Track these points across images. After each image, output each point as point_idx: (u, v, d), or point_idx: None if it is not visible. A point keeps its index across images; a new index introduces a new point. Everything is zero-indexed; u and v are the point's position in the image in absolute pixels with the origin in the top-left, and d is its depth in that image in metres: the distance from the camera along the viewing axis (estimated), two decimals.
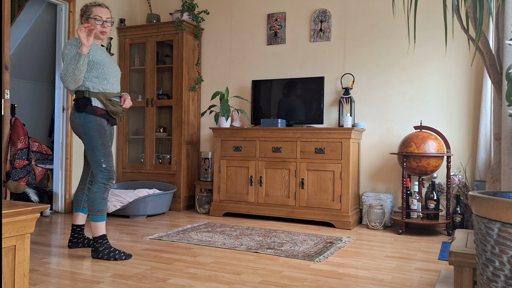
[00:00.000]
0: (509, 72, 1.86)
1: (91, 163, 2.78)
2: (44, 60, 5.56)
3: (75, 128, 2.80)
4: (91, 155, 2.76)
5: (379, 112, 4.24)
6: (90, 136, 2.75)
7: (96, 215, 2.75)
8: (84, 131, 2.75)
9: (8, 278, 1.41)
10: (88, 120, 2.75)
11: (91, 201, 2.76)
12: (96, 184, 2.76)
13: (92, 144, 2.75)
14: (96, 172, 2.76)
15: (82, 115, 2.75)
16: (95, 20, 2.80)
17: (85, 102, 2.74)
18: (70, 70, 2.62)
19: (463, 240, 1.82)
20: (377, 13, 4.27)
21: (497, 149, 2.44)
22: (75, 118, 2.78)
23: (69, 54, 2.70)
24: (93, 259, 2.72)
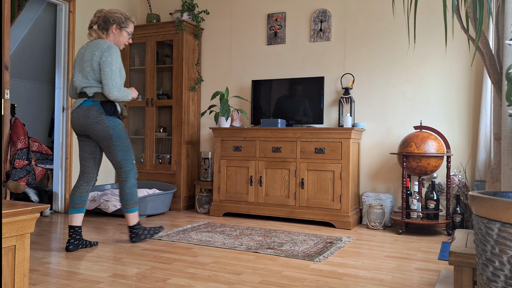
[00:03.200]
0: (509, 72, 1.86)
1: (123, 162, 2.96)
2: (44, 60, 5.56)
3: (103, 130, 2.87)
4: (123, 154, 2.96)
5: (379, 112, 4.24)
6: (122, 137, 2.94)
7: (134, 207, 3.03)
8: (116, 133, 2.91)
9: (8, 278, 1.41)
10: (117, 123, 2.93)
11: (129, 196, 3.00)
12: (130, 180, 2.99)
13: (124, 144, 2.96)
14: (129, 169, 2.98)
15: (111, 118, 2.90)
16: (127, 34, 3.05)
17: (112, 107, 2.91)
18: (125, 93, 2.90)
19: (463, 240, 1.82)
20: (377, 13, 4.27)
21: (497, 149, 2.44)
22: (102, 121, 2.87)
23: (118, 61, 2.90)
24: (93, 260, 2.73)
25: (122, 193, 3.01)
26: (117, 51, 2.89)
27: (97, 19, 2.98)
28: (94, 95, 2.87)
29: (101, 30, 2.98)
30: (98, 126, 2.86)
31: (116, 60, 2.86)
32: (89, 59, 2.87)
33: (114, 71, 2.84)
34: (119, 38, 3.01)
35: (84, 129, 2.91)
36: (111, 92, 2.82)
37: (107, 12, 2.97)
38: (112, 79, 2.83)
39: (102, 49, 2.85)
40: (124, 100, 2.93)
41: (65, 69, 4.46)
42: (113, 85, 2.83)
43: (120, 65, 2.91)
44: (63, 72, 4.45)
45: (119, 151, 2.93)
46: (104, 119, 2.86)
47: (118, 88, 2.85)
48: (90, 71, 2.87)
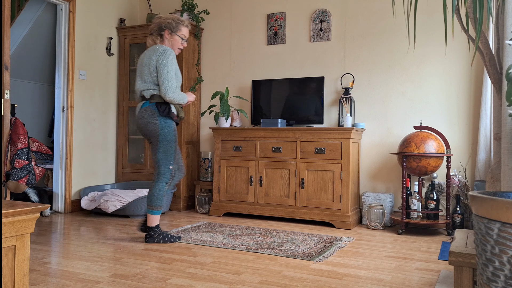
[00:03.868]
0: (509, 72, 1.86)
1: (160, 163, 3.02)
2: (44, 60, 5.56)
3: (153, 129, 3.00)
4: (163, 156, 3.01)
5: (379, 112, 4.24)
6: (169, 139, 3.01)
7: (157, 209, 3.07)
8: (164, 134, 2.99)
9: (8, 278, 1.41)
10: (168, 124, 3.01)
11: (155, 198, 3.04)
12: (161, 183, 3.04)
13: (168, 147, 3.01)
14: (163, 172, 3.03)
15: (163, 119, 3.01)
16: (180, 38, 3.14)
17: (167, 108, 3.01)
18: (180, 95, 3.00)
19: (463, 240, 1.82)
20: (377, 13, 4.27)
21: (497, 149, 2.44)
22: (154, 121, 2.99)
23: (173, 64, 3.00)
24: (93, 260, 2.73)
25: (150, 192, 3.08)
26: (172, 54, 3.02)
27: (153, 26, 3.14)
28: (151, 97, 3.03)
29: (156, 36, 3.13)
30: (150, 125, 3.00)
31: (171, 62, 2.99)
32: (147, 63, 3.02)
33: (169, 73, 2.97)
34: (173, 42, 3.13)
35: (140, 130, 3.09)
36: (167, 93, 2.95)
37: (161, 18, 3.12)
38: (168, 80, 2.96)
39: (158, 53, 3.00)
40: (180, 102, 3.03)
41: (65, 69, 4.46)
42: (169, 86, 2.96)
43: (175, 68, 3.03)
44: (63, 72, 4.45)
45: (160, 151, 3.01)
46: (157, 119, 3.00)
47: (173, 89, 2.97)
48: (147, 74, 3.02)
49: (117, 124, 5.07)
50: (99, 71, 4.83)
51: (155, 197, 3.05)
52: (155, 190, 3.05)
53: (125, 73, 5.02)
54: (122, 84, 5.03)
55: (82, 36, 4.61)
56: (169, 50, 3.02)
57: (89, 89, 4.71)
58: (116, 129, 5.08)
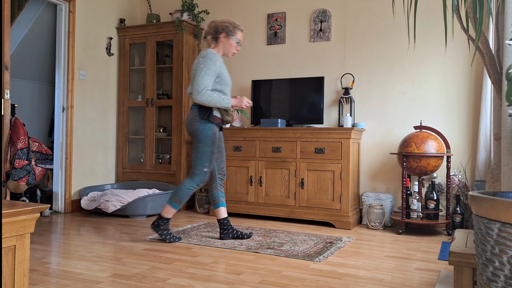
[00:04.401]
0: (509, 72, 1.86)
1: (195, 164, 3.08)
2: (44, 60, 5.56)
3: (193, 130, 3.08)
4: (199, 157, 3.06)
5: (379, 112, 4.24)
6: (206, 142, 3.06)
7: (177, 204, 3.11)
8: (201, 136, 3.05)
9: (8, 278, 1.41)
10: (207, 127, 3.05)
11: (180, 192, 3.08)
12: (192, 182, 3.07)
13: (205, 149, 3.06)
14: (197, 173, 3.07)
15: (202, 122, 3.06)
16: (235, 42, 3.17)
17: (208, 111, 3.06)
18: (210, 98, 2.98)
19: (463, 240, 1.82)
20: (377, 13, 4.27)
21: (497, 149, 2.44)
22: (195, 123, 3.07)
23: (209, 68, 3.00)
24: (93, 260, 2.73)
25: (178, 186, 3.12)
26: (213, 58, 3.03)
27: (209, 29, 3.18)
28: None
29: (212, 39, 3.16)
30: (190, 127, 3.10)
31: (208, 66, 3.00)
32: (193, 67, 3.11)
33: (202, 76, 2.99)
34: (228, 46, 3.16)
35: (187, 131, 3.16)
36: (194, 96, 3.01)
37: (218, 22, 3.17)
38: (197, 84, 2.99)
39: (200, 56, 3.07)
40: (215, 105, 3.02)
41: (65, 69, 4.45)
42: (197, 89, 2.98)
43: (217, 71, 3.04)
44: (63, 72, 4.45)
45: (196, 152, 3.08)
46: (197, 122, 3.06)
47: (199, 92, 2.97)
48: (192, 78, 3.10)
49: (117, 124, 5.07)
50: (99, 71, 4.83)
51: (181, 192, 3.09)
52: (184, 186, 3.09)
53: (125, 73, 5.02)
54: (122, 84, 5.03)
55: (82, 36, 4.61)
56: (210, 54, 3.04)
57: (89, 89, 4.71)
58: (116, 129, 5.08)
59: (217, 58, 3.06)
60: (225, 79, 3.11)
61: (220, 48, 3.17)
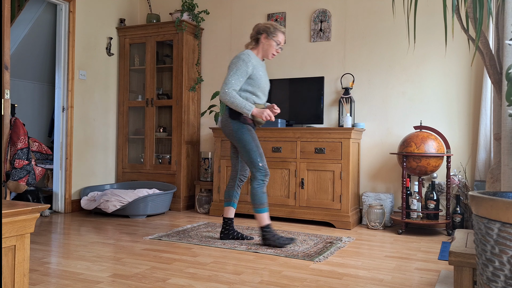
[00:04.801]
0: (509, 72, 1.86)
1: (248, 164, 3.10)
2: (44, 60, 5.56)
3: (229, 133, 3.12)
4: (247, 156, 3.08)
5: (379, 112, 4.24)
6: (245, 140, 3.07)
7: (260, 207, 3.08)
8: (238, 136, 3.08)
9: (8, 278, 1.41)
10: (240, 127, 3.08)
11: (254, 196, 3.08)
12: (256, 181, 3.08)
13: (248, 147, 3.07)
14: (254, 171, 3.08)
15: (235, 122, 3.09)
16: (276, 44, 3.15)
17: (238, 112, 3.06)
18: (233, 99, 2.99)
19: (463, 240, 1.82)
20: (377, 13, 4.27)
21: (497, 149, 2.44)
22: (228, 124, 3.11)
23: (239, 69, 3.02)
24: (93, 260, 2.73)
25: (250, 192, 3.13)
26: (245, 59, 3.04)
27: (252, 32, 3.20)
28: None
29: (253, 41, 3.19)
30: (226, 129, 3.14)
31: (238, 66, 3.02)
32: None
33: (231, 76, 3.02)
34: (267, 47, 3.15)
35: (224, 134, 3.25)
36: (220, 94, 3.03)
37: (261, 24, 3.19)
38: (225, 82, 3.02)
39: (235, 56, 3.10)
40: (236, 108, 3.01)
41: (65, 69, 4.46)
42: (223, 87, 3.01)
43: (246, 72, 3.04)
44: (63, 72, 4.45)
45: (243, 152, 3.10)
46: (230, 122, 3.11)
47: (225, 91, 3.00)
48: None
49: (117, 124, 5.07)
50: (99, 71, 4.83)
51: (254, 195, 3.09)
52: (252, 188, 3.10)
53: (125, 73, 5.02)
54: (122, 84, 5.03)
55: (82, 36, 4.61)
56: (244, 55, 3.06)
57: (89, 89, 4.71)
58: (116, 129, 5.08)
59: (250, 59, 3.06)
60: (258, 81, 3.09)
61: (260, 49, 3.18)
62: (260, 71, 3.11)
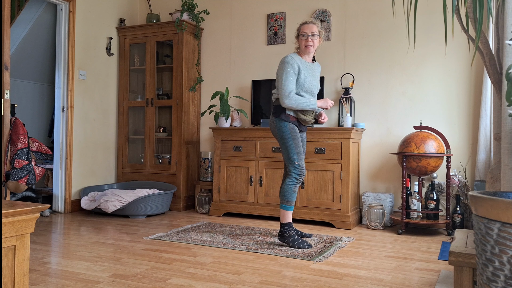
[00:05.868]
0: (509, 72, 1.86)
1: (286, 161, 3.17)
2: (44, 60, 5.56)
3: (273, 130, 3.21)
4: (286, 153, 3.16)
5: (379, 112, 4.24)
6: (284, 137, 3.14)
7: (287, 204, 3.13)
8: (280, 133, 3.16)
9: (8, 278, 1.41)
10: (282, 124, 3.15)
11: (284, 192, 3.14)
12: (290, 178, 3.14)
13: (286, 144, 3.14)
14: (290, 168, 3.14)
15: (278, 119, 3.17)
16: (301, 37, 3.21)
17: (281, 110, 3.16)
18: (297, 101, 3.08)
19: (463, 240, 1.82)
20: (377, 13, 4.27)
21: (497, 149, 2.44)
22: (273, 122, 3.20)
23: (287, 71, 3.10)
24: (93, 260, 2.73)
25: (281, 187, 3.19)
26: (289, 61, 3.11)
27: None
28: (275, 100, 3.23)
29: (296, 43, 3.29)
30: (271, 126, 3.23)
31: (286, 71, 3.10)
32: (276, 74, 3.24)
33: (284, 81, 3.09)
34: (300, 44, 3.24)
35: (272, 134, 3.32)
36: (281, 100, 3.11)
37: None
38: (282, 89, 3.10)
39: (280, 61, 3.20)
40: (300, 108, 3.10)
41: (65, 69, 4.46)
42: (283, 94, 3.09)
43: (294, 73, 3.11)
44: (63, 72, 4.45)
45: (282, 149, 3.18)
46: (274, 120, 3.19)
47: (286, 96, 3.08)
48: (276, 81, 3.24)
49: (117, 124, 5.07)
50: (99, 71, 4.83)
51: (284, 190, 3.14)
52: (284, 184, 3.15)
53: (125, 73, 5.02)
54: (122, 84, 5.03)
55: (82, 36, 4.61)
56: (286, 58, 3.14)
57: (89, 89, 4.71)
58: (116, 129, 5.08)
59: (294, 60, 3.13)
60: (301, 82, 3.14)
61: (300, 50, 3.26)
62: (306, 73, 3.16)
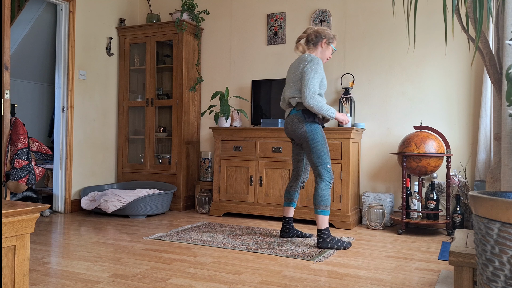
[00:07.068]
0: (509, 72, 1.86)
1: (317, 164, 3.10)
2: (44, 60, 5.56)
3: (301, 134, 3.12)
4: (318, 157, 3.10)
5: (379, 112, 4.24)
6: (318, 141, 3.10)
7: (324, 209, 3.09)
8: (313, 137, 3.10)
9: (8, 278, 1.41)
10: (314, 127, 3.11)
11: (320, 197, 3.08)
12: (323, 182, 3.09)
13: (319, 148, 3.09)
14: (323, 172, 3.10)
15: (309, 124, 3.11)
16: (331, 48, 3.25)
17: (311, 113, 3.11)
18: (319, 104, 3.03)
19: (463, 240, 1.82)
20: (377, 13, 4.27)
21: (497, 149, 2.44)
22: (301, 127, 3.12)
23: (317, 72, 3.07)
24: (93, 260, 2.73)
25: (315, 193, 3.12)
26: (319, 63, 3.10)
27: (307, 35, 3.25)
28: (297, 105, 3.16)
29: (310, 44, 3.24)
30: (298, 132, 3.14)
31: (316, 71, 3.07)
32: (294, 71, 3.17)
33: (311, 80, 3.04)
34: (325, 52, 3.24)
35: (290, 135, 3.22)
36: (305, 99, 3.04)
37: (317, 28, 3.25)
38: (308, 87, 3.04)
39: (306, 61, 3.12)
40: (321, 112, 3.05)
41: (65, 69, 4.46)
42: (308, 93, 3.04)
43: (321, 75, 3.11)
44: (63, 72, 4.45)
45: (314, 153, 3.10)
46: (304, 125, 3.12)
47: (312, 96, 3.03)
48: (295, 82, 3.16)
49: (117, 124, 5.07)
50: (99, 71, 4.83)
51: (321, 195, 3.08)
52: (320, 189, 3.09)
53: (125, 73, 5.02)
54: (122, 84, 5.03)
55: (82, 36, 4.61)
56: (316, 59, 3.11)
57: (89, 89, 4.71)
58: (116, 129, 5.08)
59: (321, 63, 3.15)
60: (324, 83, 3.17)
61: (318, 53, 3.24)
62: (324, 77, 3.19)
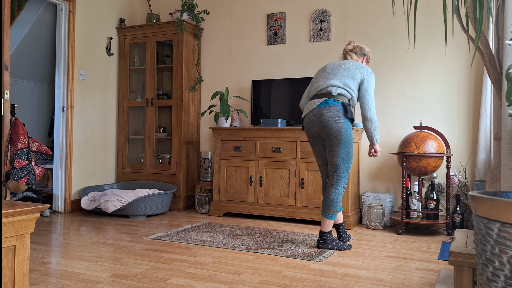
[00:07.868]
0: (509, 72, 1.86)
1: (340, 166, 2.96)
2: (44, 60, 5.56)
3: (337, 131, 2.91)
4: (344, 158, 2.96)
5: (379, 112, 4.24)
6: (350, 142, 2.97)
7: (333, 214, 2.99)
8: (346, 136, 2.94)
9: (8, 278, 1.41)
10: (349, 127, 2.96)
11: (333, 202, 2.97)
12: (339, 187, 2.98)
13: (350, 150, 2.98)
14: (343, 175, 2.98)
15: (347, 121, 2.94)
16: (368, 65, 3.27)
17: (351, 110, 2.97)
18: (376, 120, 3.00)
19: (463, 240, 1.82)
20: (377, 13, 4.27)
21: (497, 149, 2.44)
22: (340, 121, 2.92)
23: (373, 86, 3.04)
24: (93, 260, 2.73)
25: (328, 196, 3.00)
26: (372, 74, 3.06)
27: (353, 47, 3.21)
28: (338, 95, 2.97)
29: (360, 56, 3.21)
30: (335, 125, 2.91)
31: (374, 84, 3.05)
32: (351, 69, 3.02)
33: (372, 94, 3.02)
34: None
35: (320, 128, 2.97)
36: (370, 111, 2.97)
37: (360, 45, 3.23)
38: (372, 102, 2.99)
39: (367, 70, 3.03)
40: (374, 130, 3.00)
41: (65, 69, 4.45)
42: (372, 105, 2.98)
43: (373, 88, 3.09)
44: (63, 72, 4.45)
45: (342, 154, 2.95)
46: (342, 119, 2.92)
47: (373, 108, 2.99)
48: (347, 76, 3.00)
49: (117, 124, 5.07)
50: (99, 71, 4.83)
51: (334, 201, 2.97)
52: (334, 194, 2.97)
53: (125, 73, 5.02)
54: (122, 84, 5.03)
55: (82, 36, 4.61)
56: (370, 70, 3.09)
57: (89, 89, 4.71)
58: (116, 129, 5.08)
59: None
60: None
61: None
62: None
